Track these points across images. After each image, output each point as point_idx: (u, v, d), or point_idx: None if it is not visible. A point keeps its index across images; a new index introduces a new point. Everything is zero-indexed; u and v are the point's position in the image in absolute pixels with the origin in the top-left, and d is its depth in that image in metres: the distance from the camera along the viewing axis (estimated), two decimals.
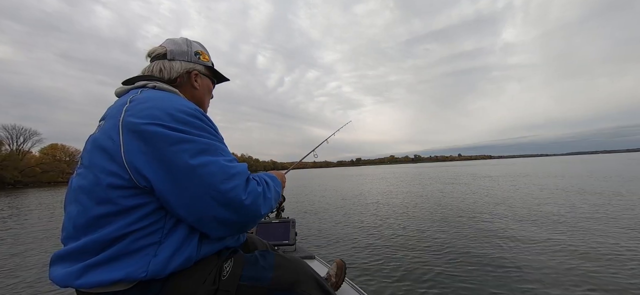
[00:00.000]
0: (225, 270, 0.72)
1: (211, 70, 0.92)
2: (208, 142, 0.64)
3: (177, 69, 0.82)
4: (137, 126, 0.60)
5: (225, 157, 0.66)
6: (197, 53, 0.87)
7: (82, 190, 0.62)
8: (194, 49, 0.86)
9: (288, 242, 1.64)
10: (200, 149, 0.62)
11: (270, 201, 0.75)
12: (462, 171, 25.39)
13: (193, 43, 0.88)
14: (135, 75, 0.80)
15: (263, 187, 0.72)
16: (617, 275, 2.49)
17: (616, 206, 5.54)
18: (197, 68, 0.85)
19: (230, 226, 0.66)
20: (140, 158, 0.59)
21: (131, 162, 0.59)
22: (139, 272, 0.59)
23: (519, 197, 7.23)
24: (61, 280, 0.59)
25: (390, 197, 8.80)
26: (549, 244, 3.42)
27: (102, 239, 0.58)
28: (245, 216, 0.66)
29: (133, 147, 0.59)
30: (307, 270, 0.81)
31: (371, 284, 2.57)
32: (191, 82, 0.84)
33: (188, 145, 0.61)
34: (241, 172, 0.66)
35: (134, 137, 0.60)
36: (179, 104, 0.66)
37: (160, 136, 0.59)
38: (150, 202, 0.61)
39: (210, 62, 0.91)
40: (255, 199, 0.67)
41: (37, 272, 3.39)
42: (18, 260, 3.94)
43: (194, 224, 0.64)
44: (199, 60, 0.87)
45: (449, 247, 3.47)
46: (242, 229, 0.71)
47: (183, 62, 0.83)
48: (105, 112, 0.70)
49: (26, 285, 2.99)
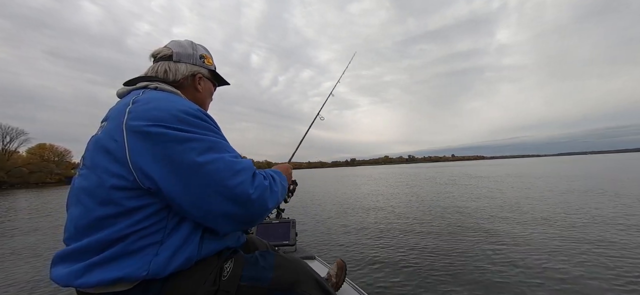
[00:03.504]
0: (226, 271, 0.72)
1: (214, 74, 0.94)
2: (213, 140, 0.65)
3: (183, 71, 0.83)
4: (142, 128, 0.60)
5: (231, 153, 0.67)
6: (202, 57, 0.88)
7: (84, 191, 0.62)
8: (199, 52, 0.88)
9: (288, 242, 1.64)
10: (206, 147, 0.63)
11: (276, 195, 0.75)
12: (457, 171, 25.71)
13: (198, 46, 0.89)
14: (138, 76, 0.80)
15: (269, 181, 0.73)
16: (616, 275, 2.55)
17: (614, 207, 5.69)
18: (201, 71, 0.87)
19: (238, 221, 0.66)
20: (146, 159, 0.59)
21: (136, 164, 0.59)
22: (139, 272, 0.59)
23: (517, 198, 7.35)
24: (62, 280, 0.59)
25: (389, 198, 8.86)
26: (548, 244, 3.48)
27: (104, 239, 0.59)
28: (252, 210, 0.66)
29: (138, 148, 0.60)
30: (307, 270, 0.81)
31: (372, 284, 2.58)
32: (195, 84, 0.86)
33: (194, 144, 0.62)
34: (247, 167, 0.67)
35: (139, 139, 0.60)
36: (181, 104, 0.67)
37: (166, 137, 0.60)
38: (153, 203, 0.62)
39: (213, 66, 0.93)
40: (262, 193, 0.68)
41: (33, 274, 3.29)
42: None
43: (202, 220, 0.65)
44: (203, 64, 0.88)
45: (449, 247, 3.50)
46: (250, 223, 0.71)
47: (188, 64, 0.84)
48: (108, 112, 0.70)
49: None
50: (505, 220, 4.85)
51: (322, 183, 18.87)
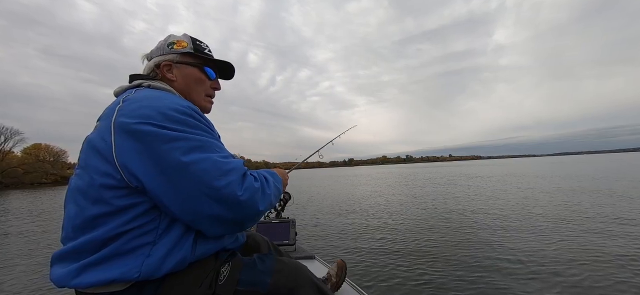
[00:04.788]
0: (223, 275, 0.71)
1: (197, 57, 0.82)
2: (201, 139, 0.63)
3: (150, 66, 0.79)
4: (128, 126, 0.59)
5: (220, 153, 0.64)
6: (171, 43, 0.80)
7: (78, 190, 0.62)
8: (168, 40, 0.81)
9: (288, 242, 1.64)
10: (193, 146, 0.61)
11: (269, 197, 0.72)
12: (454, 171, 25.87)
13: (173, 36, 0.82)
14: (135, 73, 0.80)
15: (261, 183, 0.70)
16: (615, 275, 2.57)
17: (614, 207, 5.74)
18: (167, 59, 0.79)
19: (226, 224, 0.64)
20: (132, 157, 0.58)
21: (123, 162, 0.58)
22: (132, 273, 0.58)
23: (514, 198, 7.41)
24: (58, 280, 0.59)
25: (388, 198, 8.89)
26: (547, 244, 3.51)
27: (97, 239, 0.58)
28: (242, 213, 0.64)
29: (124, 147, 0.59)
30: (306, 274, 0.80)
31: (372, 285, 2.58)
32: (164, 75, 0.79)
33: (180, 143, 0.60)
34: (236, 167, 0.64)
35: (126, 137, 0.59)
36: (171, 102, 0.65)
37: (152, 135, 0.59)
38: (143, 202, 0.61)
39: (189, 48, 0.81)
40: (252, 194, 0.64)
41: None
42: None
43: (189, 222, 0.63)
44: (171, 50, 0.80)
45: (448, 248, 3.51)
46: (239, 226, 0.69)
47: (156, 57, 0.79)
48: (103, 111, 0.69)
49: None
50: (505, 220, 4.88)
51: (321, 183, 18.88)
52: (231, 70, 0.92)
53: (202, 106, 0.85)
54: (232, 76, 0.94)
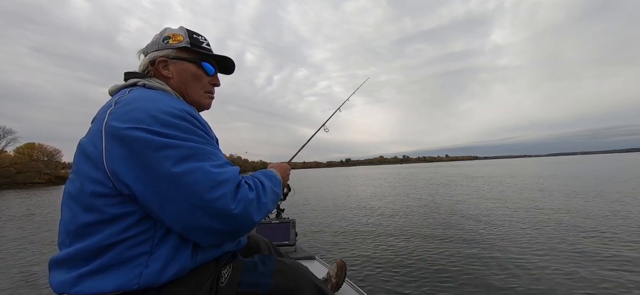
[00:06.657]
0: (224, 277, 0.70)
1: (194, 52, 0.78)
2: (194, 147, 0.60)
3: (145, 62, 0.76)
4: (119, 131, 0.56)
5: (214, 161, 0.61)
6: (166, 38, 0.76)
7: (70, 196, 0.61)
8: (164, 34, 0.77)
9: (288, 242, 1.64)
10: (185, 155, 0.58)
11: (266, 206, 0.69)
12: (452, 172, 26.02)
13: (168, 29, 0.78)
14: (130, 71, 0.76)
15: (257, 192, 0.67)
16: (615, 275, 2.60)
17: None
18: (162, 54, 0.74)
19: (220, 235, 0.62)
20: (122, 165, 0.56)
21: (113, 170, 0.56)
22: (131, 284, 0.57)
23: (515, 198, 7.44)
24: (57, 288, 0.58)
25: (388, 198, 8.89)
26: (546, 244, 3.53)
27: (91, 248, 0.57)
28: (234, 226, 0.61)
29: (114, 153, 0.56)
30: (307, 275, 0.80)
31: (372, 285, 2.57)
32: (159, 72, 0.75)
33: (172, 151, 0.57)
34: (230, 178, 0.61)
35: (116, 144, 0.56)
36: (165, 104, 0.62)
37: (142, 141, 0.56)
38: (136, 210, 0.59)
39: (186, 42, 0.76)
40: (246, 206, 0.61)
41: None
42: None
43: (182, 233, 0.61)
44: (166, 45, 0.75)
45: (448, 248, 3.52)
46: (233, 237, 0.67)
47: (151, 53, 0.75)
48: (97, 112, 0.66)
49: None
50: (504, 219, 4.91)
51: (319, 183, 18.87)
52: (231, 65, 0.87)
53: (201, 103, 0.81)
54: (232, 71, 0.89)
